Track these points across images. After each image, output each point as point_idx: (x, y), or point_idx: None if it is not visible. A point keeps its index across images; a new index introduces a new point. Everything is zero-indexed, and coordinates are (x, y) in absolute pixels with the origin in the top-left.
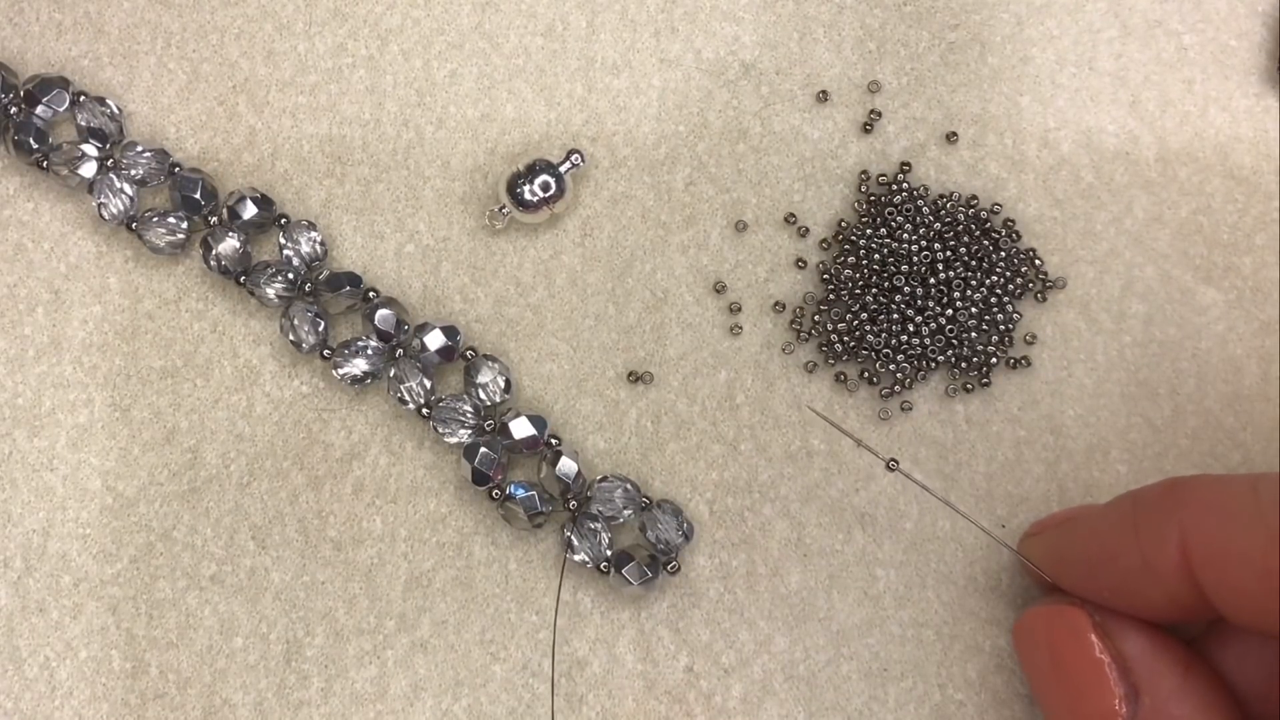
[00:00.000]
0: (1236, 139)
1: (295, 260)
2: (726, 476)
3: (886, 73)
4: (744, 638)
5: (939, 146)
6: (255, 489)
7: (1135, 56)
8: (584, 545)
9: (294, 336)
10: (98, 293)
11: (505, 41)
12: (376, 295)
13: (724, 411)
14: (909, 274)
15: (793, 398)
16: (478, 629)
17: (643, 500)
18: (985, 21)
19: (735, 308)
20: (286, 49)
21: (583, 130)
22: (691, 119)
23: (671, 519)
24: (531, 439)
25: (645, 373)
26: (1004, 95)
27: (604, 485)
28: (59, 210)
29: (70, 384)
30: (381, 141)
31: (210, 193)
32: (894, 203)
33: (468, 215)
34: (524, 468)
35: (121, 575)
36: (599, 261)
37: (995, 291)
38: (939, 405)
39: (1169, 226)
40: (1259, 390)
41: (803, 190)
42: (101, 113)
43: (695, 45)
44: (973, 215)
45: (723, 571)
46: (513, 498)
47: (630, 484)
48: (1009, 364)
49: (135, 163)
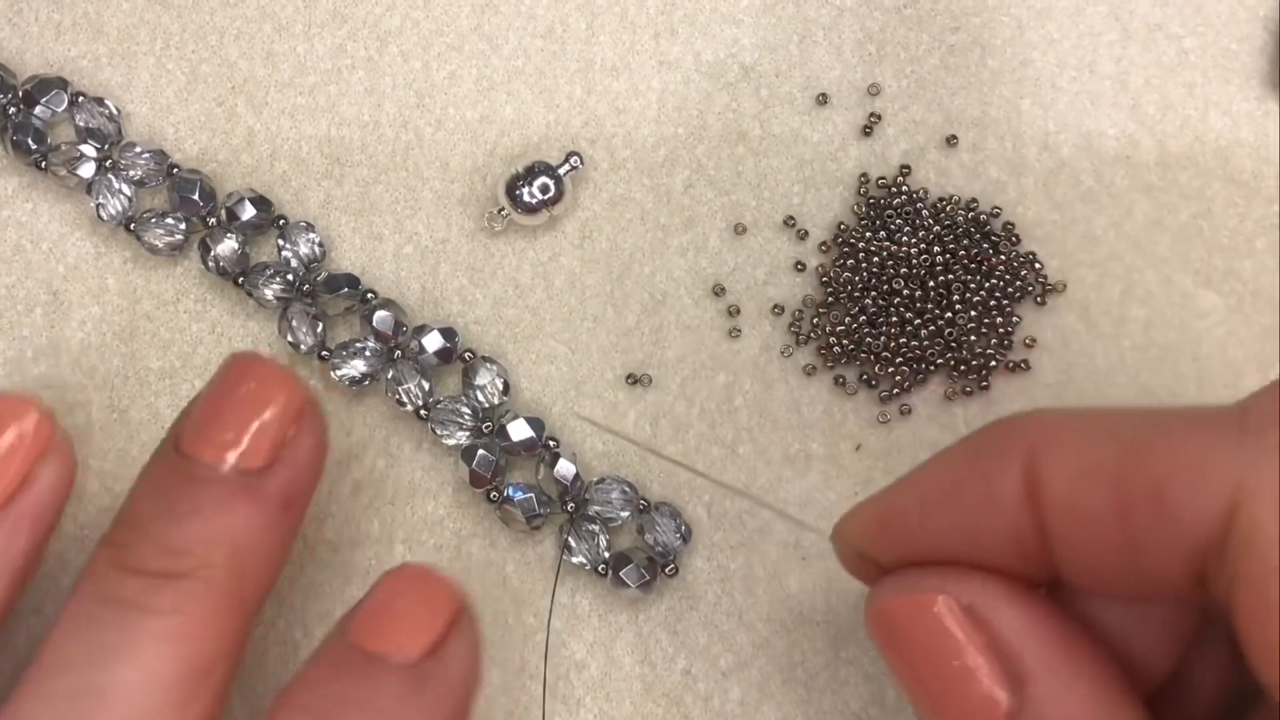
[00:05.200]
0: (1237, 143)
1: (294, 261)
2: (726, 479)
3: (886, 76)
4: (742, 640)
5: (939, 149)
6: None
7: (1136, 60)
8: (582, 547)
9: (292, 338)
10: (96, 294)
11: (504, 43)
12: (375, 297)
13: (722, 414)
14: (908, 277)
15: (791, 401)
16: None
17: (641, 502)
18: (985, 25)
19: (734, 310)
20: (286, 50)
21: (582, 132)
22: (691, 121)
23: (670, 521)
24: (529, 441)
25: (644, 375)
26: (1004, 98)
27: (602, 487)
28: (57, 211)
29: (68, 385)
30: (380, 143)
31: (209, 194)
32: (893, 206)
33: (466, 217)
34: (522, 470)
35: None
36: (598, 264)
37: (995, 295)
38: (938, 408)
39: (1169, 230)
40: None
41: (802, 193)
42: (100, 113)
43: (695, 48)
44: (972, 218)
45: (721, 574)
46: (511, 500)
47: (628, 485)
48: (1008, 367)
49: (134, 163)
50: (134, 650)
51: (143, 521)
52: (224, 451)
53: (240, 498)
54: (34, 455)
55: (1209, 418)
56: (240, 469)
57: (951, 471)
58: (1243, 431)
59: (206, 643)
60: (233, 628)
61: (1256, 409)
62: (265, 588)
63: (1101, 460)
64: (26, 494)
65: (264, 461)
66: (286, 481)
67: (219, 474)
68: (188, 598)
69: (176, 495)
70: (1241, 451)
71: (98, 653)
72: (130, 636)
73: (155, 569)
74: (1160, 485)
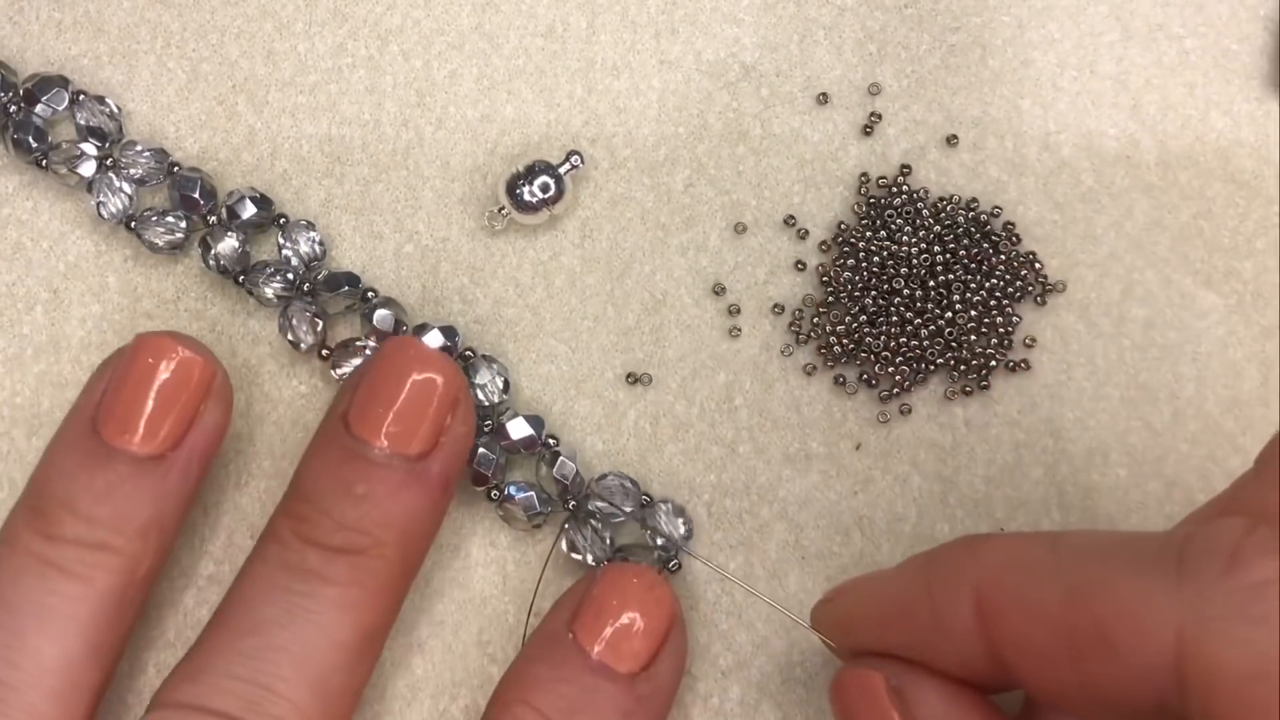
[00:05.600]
0: (1237, 143)
1: (294, 260)
2: (724, 479)
3: (887, 75)
4: (741, 640)
5: (939, 149)
6: (253, 488)
7: (1136, 60)
8: (583, 543)
9: (292, 336)
10: (96, 292)
11: (505, 42)
12: (375, 295)
13: (722, 413)
14: (908, 276)
15: (791, 400)
16: (475, 630)
17: (643, 497)
18: (986, 24)
19: (734, 310)
20: (286, 49)
21: (582, 131)
22: (691, 121)
23: (673, 517)
24: (529, 439)
25: (644, 374)
26: (1005, 98)
27: (603, 483)
28: (58, 209)
29: (69, 383)
30: (381, 142)
31: (209, 192)
32: (894, 205)
33: (467, 216)
34: (522, 468)
35: None
36: (598, 263)
37: (995, 295)
38: (938, 408)
39: (1169, 230)
40: (1258, 395)
41: (802, 192)
42: (101, 112)
43: (695, 47)
44: (973, 218)
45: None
46: (511, 498)
47: (630, 481)
48: (1008, 367)
49: (134, 162)
50: (317, 615)
51: (319, 498)
52: (400, 445)
53: (410, 484)
54: (200, 397)
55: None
56: (411, 456)
57: (906, 595)
58: (1180, 572)
59: (376, 612)
60: (396, 598)
61: (1192, 546)
62: (422, 560)
63: (1048, 602)
64: (194, 433)
65: (429, 448)
66: (446, 466)
67: (390, 460)
68: (363, 571)
69: (352, 476)
70: (1180, 596)
71: (284, 616)
72: (313, 603)
73: (334, 544)
74: (1105, 628)
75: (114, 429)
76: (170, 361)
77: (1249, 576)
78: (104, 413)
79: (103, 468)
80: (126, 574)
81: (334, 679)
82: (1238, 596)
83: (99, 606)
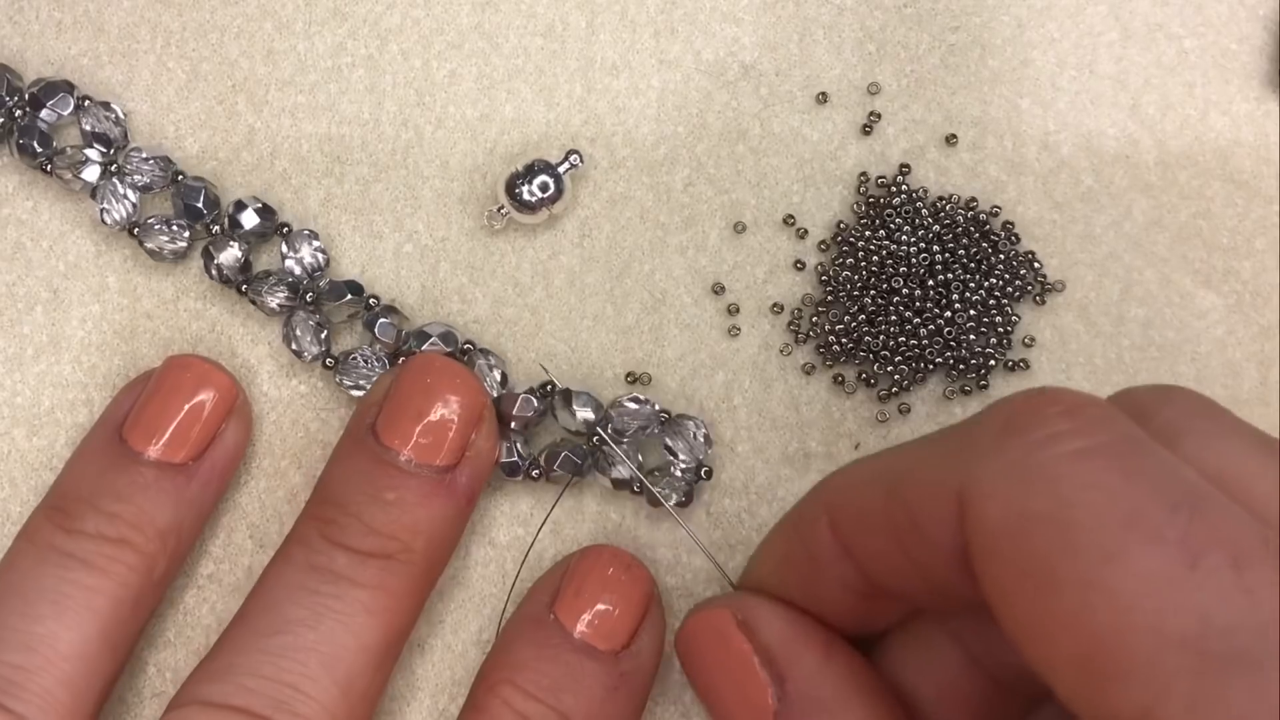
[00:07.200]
0: (1237, 143)
1: (297, 269)
2: (724, 478)
3: (886, 75)
4: None
5: (938, 149)
6: (253, 488)
7: (1136, 60)
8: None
9: (296, 346)
10: (96, 292)
11: (505, 42)
12: (378, 303)
13: (721, 413)
14: (908, 276)
15: (790, 400)
16: (474, 629)
17: (662, 414)
18: (986, 24)
19: (733, 309)
20: (286, 48)
21: (582, 131)
22: (691, 120)
23: (697, 428)
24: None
25: (643, 373)
26: (1004, 98)
27: (621, 407)
28: (58, 209)
29: (69, 383)
30: (380, 141)
31: (213, 201)
32: (893, 205)
33: (466, 215)
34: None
35: None
36: (597, 262)
37: (994, 294)
38: (937, 407)
39: (1168, 230)
40: (1258, 394)
41: (802, 192)
42: (106, 117)
43: (695, 46)
44: (972, 218)
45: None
46: (553, 470)
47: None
48: (1007, 366)
49: (138, 169)
50: (346, 618)
51: (349, 502)
52: (427, 456)
53: (438, 492)
54: (221, 415)
55: (947, 440)
56: (438, 468)
57: (787, 539)
58: (970, 442)
59: (401, 616)
60: (419, 605)
61: (979, 418)
62: (443, 569)
63: (875, 505)
64: (215, 449)
65: (456, 460)
66: (472, 478)
67: (420, 469)
68: (391, 576)
69: (381, 483)
70: (961, 460)
71: (312, 617)
72: (342, 605)
73: (363, 547)
74: (912, 512)
75: (140, 435)
76: (198, 377)
77: (1022, 438)
78: (131, 421)
79: (126, 470)
80: (144, 573)
81: (359, 682)
82: (1007, 456)
83: (115, 600)
